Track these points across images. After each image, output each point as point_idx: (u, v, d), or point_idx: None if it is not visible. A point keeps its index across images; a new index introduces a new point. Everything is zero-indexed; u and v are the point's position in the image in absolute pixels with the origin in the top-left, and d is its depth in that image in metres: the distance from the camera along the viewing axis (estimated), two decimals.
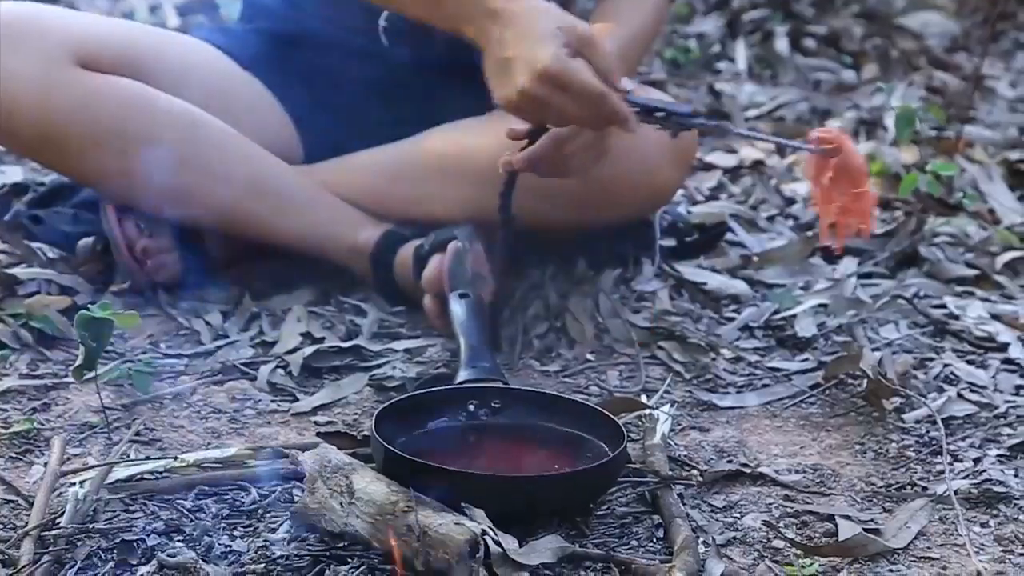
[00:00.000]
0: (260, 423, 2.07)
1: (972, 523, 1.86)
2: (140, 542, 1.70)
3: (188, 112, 2.39)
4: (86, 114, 2.33)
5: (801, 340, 2.39)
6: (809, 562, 1.74)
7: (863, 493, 1.93)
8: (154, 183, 2.36)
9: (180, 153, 2.36)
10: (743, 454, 2.03)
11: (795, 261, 2.70)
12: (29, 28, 2.32)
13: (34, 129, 2.32)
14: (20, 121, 2.31)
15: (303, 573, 1.66)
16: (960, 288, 2.65)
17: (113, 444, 1.97)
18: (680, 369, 2.29)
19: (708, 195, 3.04)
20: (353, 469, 1.71)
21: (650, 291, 2.52)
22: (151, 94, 2.37)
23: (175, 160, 2.36)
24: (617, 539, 1.78)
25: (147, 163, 2.35)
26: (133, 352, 2.25)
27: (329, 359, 2.25)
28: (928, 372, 2.30)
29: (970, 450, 2.06)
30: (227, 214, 2.41)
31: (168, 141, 2.36)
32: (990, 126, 3.57)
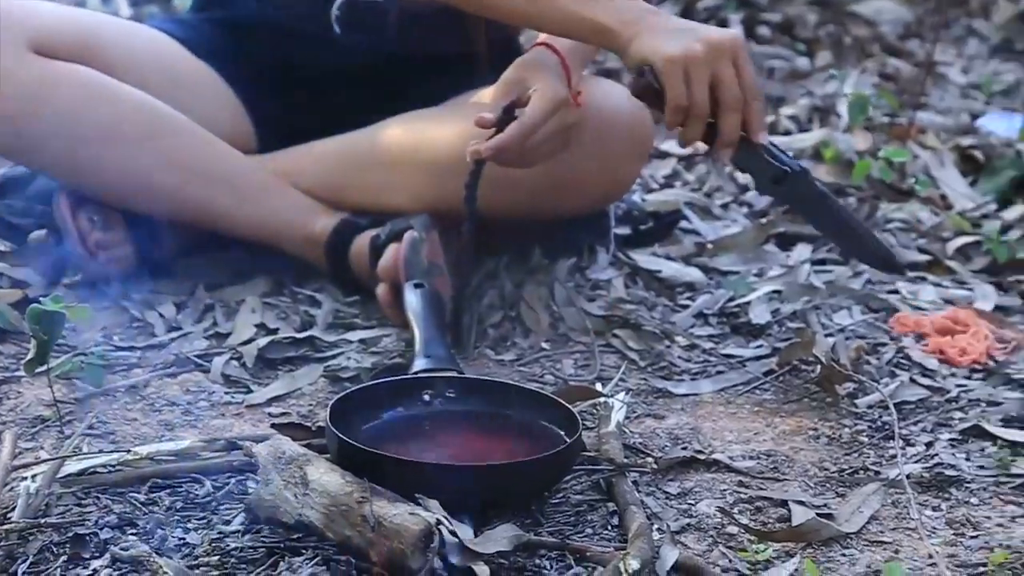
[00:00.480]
0: (214, 415, 2.07)
1: (924, 507, 1.87)
2: (93, 536, 1.70)
3: (142, 101, 2.38)
4: (41, 101, 2.31)
5: (755, 327, 2.40)
6: (763, 547, 1.75)
7: (816, 478, 1.94)
8: (108, 172, 2.35)
9: (133, 143, 2.35)
10: (697, 441, 2.04)
11: (749, 248, 2.71)
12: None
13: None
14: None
15: (257, 565, 1.65)
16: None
17: (65, 438, 1.96)
18: (635, 357, 2.30)
19: (663, 183, 3.04)
20: (307, 460, 1.71)
21: (605, 279, 2.52)
22: (106, 82, 2.36)
23: (130, 149, 2.35)
24: (572, 527, 1.78)
25: (101, 151, 2.34)
26: (85, 345, 2.24)
27: (283, 350, 2.25)
28: (880, 357, 2.31)
29: (922, 434, 2.07)
30: (181, 204, 2.40)
31: (123, 130, 2.35)
32: (942, 112, 3.59)
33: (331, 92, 2.54)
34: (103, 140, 2.34)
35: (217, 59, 2.53)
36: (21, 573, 1.63)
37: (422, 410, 1.96)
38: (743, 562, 1.72)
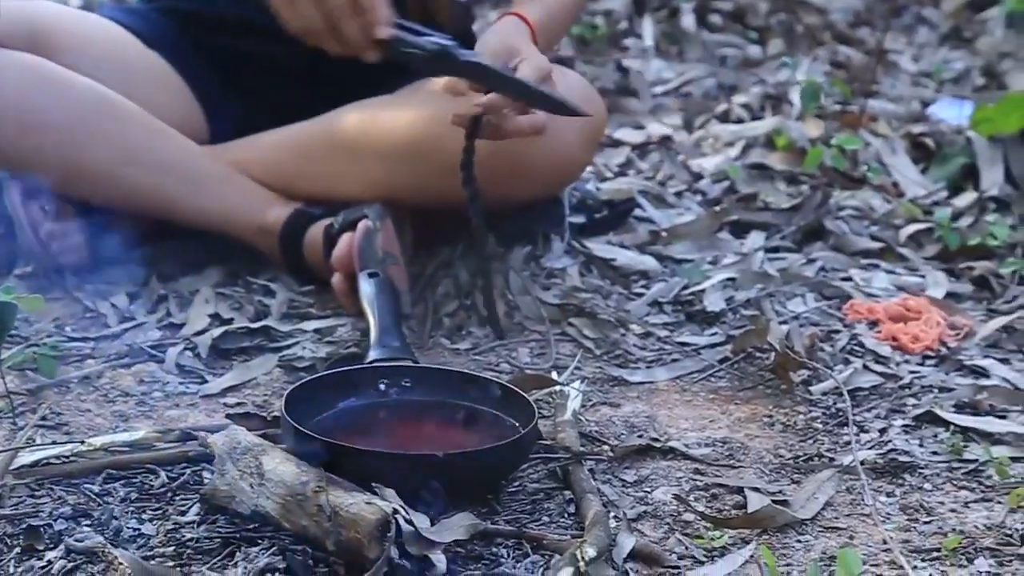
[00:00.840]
0: (168, 406, 2.06)
1: (878, 493, 1.88)
2: (47, 527, 1.68)
3: (92, 89, 2.36)
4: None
5: (710, 314, 2.41)
6: (719, 534, 1.75)
7: (771, 465, 1.95)
8: (57, 161, 2.33)
9: (84, 131, 2.33)
10: (653, 428, 2.04)
11: (703, 236, 2.72)
12: None
13: None
14: None
15: (213, 556, 1.65)
16: (865, 260, 2.68)
17: (18, 429, 1.94)
18: (590, 345, 2.30)
19: (616, 171, 3.05)
20: (263, 450, 1.70)
21: (560, 268, 2.52)
22: (54, 70, 2.34)
23: (79, 138, 2.33)
24: (528, 515, 1.78)
25: (49, 140, 2.32)
26: (38, 336, 2.23)
27: (238, 340, 2.24)
28: (834, 344, 2.32)
29: (875, 421, 2.09)
30: (133, 194, 2.38)
31: (72, 119, 2.33)
32: (893, 100, 3.61)
33: (283, 82, 2.53)
34: (50, 129, 2.32)
35: (169, 49, 2.51)
36: None
37: (377, 400, 1.95)
38: (699, 549, 1.73)
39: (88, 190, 2.37)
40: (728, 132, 3.26)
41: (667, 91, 3.68)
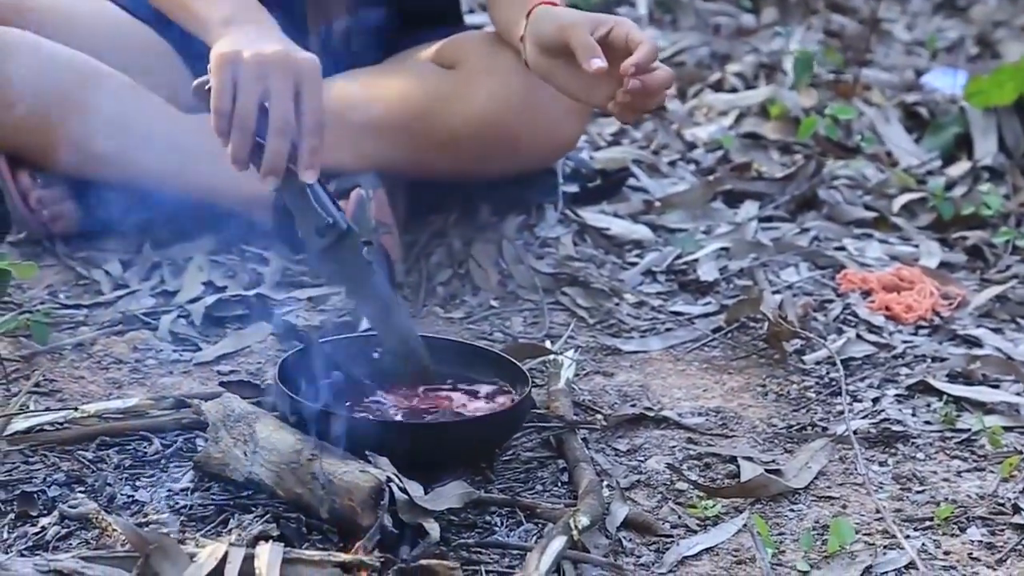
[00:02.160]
0: (162, 373, 2.05)
1: (871, 462, 1.89)
2: (41, 493, 1.69)
3: (78, 61, 2.34)
4: None
5: (703, 284, 2.41)
6: (712, 503, 1.76)
7: (764, 434, 1.96)
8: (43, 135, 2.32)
9: (70, 104, 2.31)
10: (647, 398, 2.05)
11: (697, 205, 2.72)
12: None
13: None
14: None
15: (207, 522, 1.65)
16: (858, 230, 2.68)
17: (12, 395, 1.93)
18: (584, 314, 2.30)
19: (610, 140, 3.04)
20: (256, 418, 1.70)
21: (553, 237, 2.52)
22: (40, 42, 2.32)
23: (65, 111, 2.31)
24: (522, 484, 1.79)
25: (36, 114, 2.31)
26: (31, 303, 2.22)
27: (232, 308, 2.23)
28: (828, 314, 2.32)
29: (868, 390, 2.09)
30: (121, 165, 2.36)
31: (57, 91, 2.31)
32: (887, 69, 3.61)
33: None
34: (36, 102, 2.30)
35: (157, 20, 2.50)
36: None
37: (371, 368, 1.95)
38: (692, 518, 1.73)
39: (76, 162, 2.35)
40: (722, 101, 3.25)
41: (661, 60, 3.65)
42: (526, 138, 2.36)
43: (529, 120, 2.32)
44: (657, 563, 1.64)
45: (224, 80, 1.83)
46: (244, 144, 1.83)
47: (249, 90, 1.82)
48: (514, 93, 2.28)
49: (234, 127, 1.83)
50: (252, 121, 1.83)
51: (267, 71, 1.83)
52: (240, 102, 1.82)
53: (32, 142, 2.33)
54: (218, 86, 1.83)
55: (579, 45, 1.95)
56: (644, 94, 1.95)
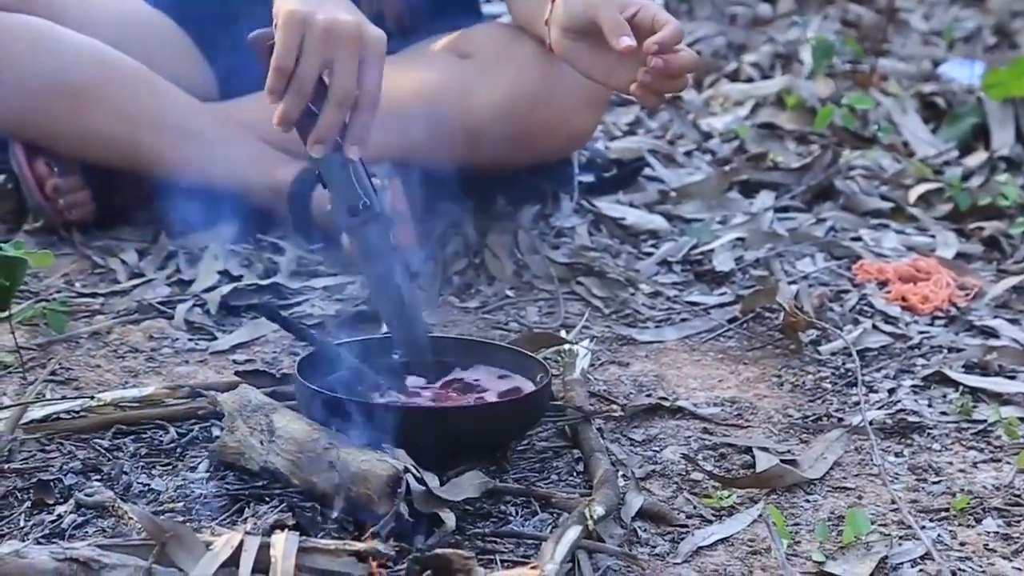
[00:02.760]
0: (178, 362, 2.06)
1: (887, 453, 1.88)
2: (57, 481, 1.69)
3: (96, 49, 2.35)
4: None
5: (719, 274, 2.41)
6: (727, 494, 1.75)
7: (780, 425, 1.95)
8: (58, 123, 2.32)
9: (89, 93, 2.32)
10: (662, 388, 2.04)
11: (713, 195, 2.71)
12: None
13: None
14: None
15: (223, 511, 1.65)
16: (875, 221, 2.68)
17: (28, 384, 1.94)
18: (599, 304, 2.30)
19: (626, 130, 3.04)
20: (273, 408, 1.70)
21: (569, 227, 2.52)
22: (59, 32, 2.33)
23: (83, 100, 2.32)
24: (537, 474, 1.78)
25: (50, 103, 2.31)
26: (48, 291, 2.22)
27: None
28: (843, 304, 2.32)
29: (885, 381, 2.09)
30: (135, 154, 2.37)
31: (76, 81, 2.31)
32: (904, 59, 3.60)
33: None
34: (54, 91, 2.31)
35: (173, 7, 2.50)
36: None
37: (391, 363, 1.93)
38: (707, 508, 1.73)
39: (93, 152, 2.36)
40: (738, 91, 3.25)
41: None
42: (543, 128, 2.36)
43: (546, 110, 2.32)
44: (672, 553, 1.63)
45: (290, 38, 1.80)
46: (296, 107, 1.81)
47: (315, 54, 1.79)
48: (532, 83, 2.28)
49: (291, 88, 1.80)
50: (311, 85, 1.80)
51: (337, 39, 1.80)
52: (303, 65, 1.80)
53: (49, 131, 2.33)
54: (283, 43, 1.80)
55: (608, 22, 1.94)
56: (666, 76, 1.92)
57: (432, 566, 1.46)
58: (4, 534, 1.58)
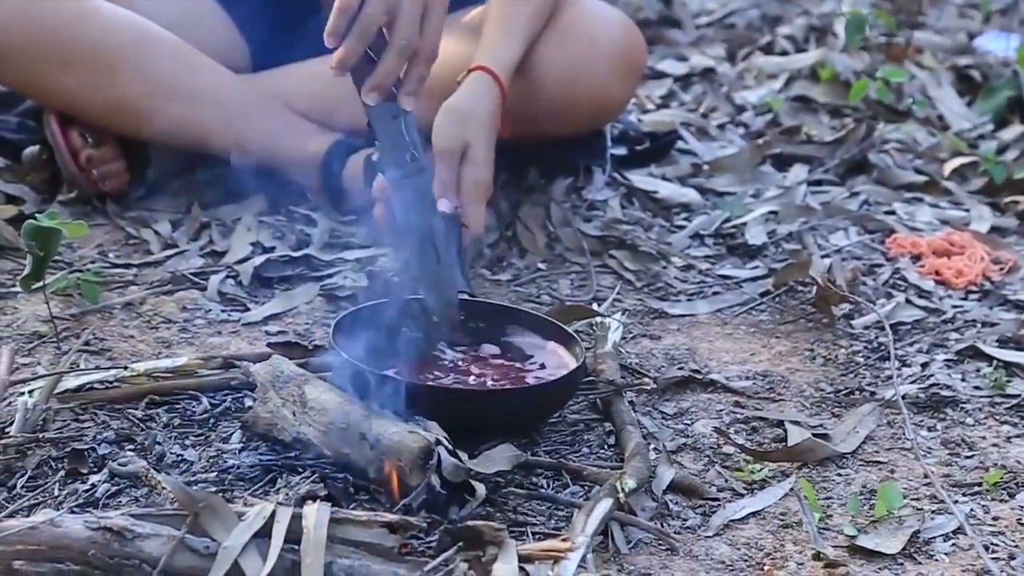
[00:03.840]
0: (211, 333, 2.06)
1: (919, 427, 1.88)
2: (91, 451, 1.70)
3: (132, 22, 2.35)
4: (27, 25, 2.29)
5: (751, 248, 2.40)
6: (759, 467, 1.75)
7: (812, 399, 1.95)
8: (96, 95, 2.33)
9: (124, 64, 2.32)
10: (694, 361, 2.04)
11: (746, 169, 2.70)
12: None
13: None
14: None
15: (255, 482, 1.66)
16: (909, 194, 2.66)
17: (62, 354, 1.95)
18: (631, 277, 2.29)
19: (659, 103, 3.03)
20: (306, 380, 1.71)
21: (601, 200, 2.51)
22: (93, 4, 2.33)
23: (117, 72, 2.32)
24: (569, 446, 1.78)
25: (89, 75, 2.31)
26: (81, 262, 2.23)
27: (280, 269, 2.24)
28: (877, 278, 2.31)
29: (918, 355, 2.08)
30: (173, 126, 2.37)
31: (110, 52, 2.32)
32: (939, 32, 3.57)
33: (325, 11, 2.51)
34: (89, 62, 2.31)
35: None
36: (20, 487, 1.63)
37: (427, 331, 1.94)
38: (739, 482, 1.73)
39: (127, 123, 2.36)
40: (772, 64, 3.23)
41: (710, 22, 3.64)
42: (576, 101, 2.35)
43: (581, 82, 2.31)
44: (703, 526, 1.64)
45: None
46: (357, 51, 1.80)
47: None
48: (567, 55, 2.27)
49: (353, 31, 1.79)
50: (375, 28, 1.79)
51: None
52: (368, 9, 1.79)
53: (85, 101, 2.34)
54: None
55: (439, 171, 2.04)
56: None
57: (463, 538, 1.47)
58: (39, 503, 1.60)
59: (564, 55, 2.28)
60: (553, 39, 2.28)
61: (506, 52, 2.17)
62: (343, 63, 1.81)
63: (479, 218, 2.09)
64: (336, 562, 1.42)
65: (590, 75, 2.31)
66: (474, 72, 2.14)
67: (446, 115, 2.10)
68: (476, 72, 2.14)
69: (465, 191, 2.07)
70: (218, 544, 1.43)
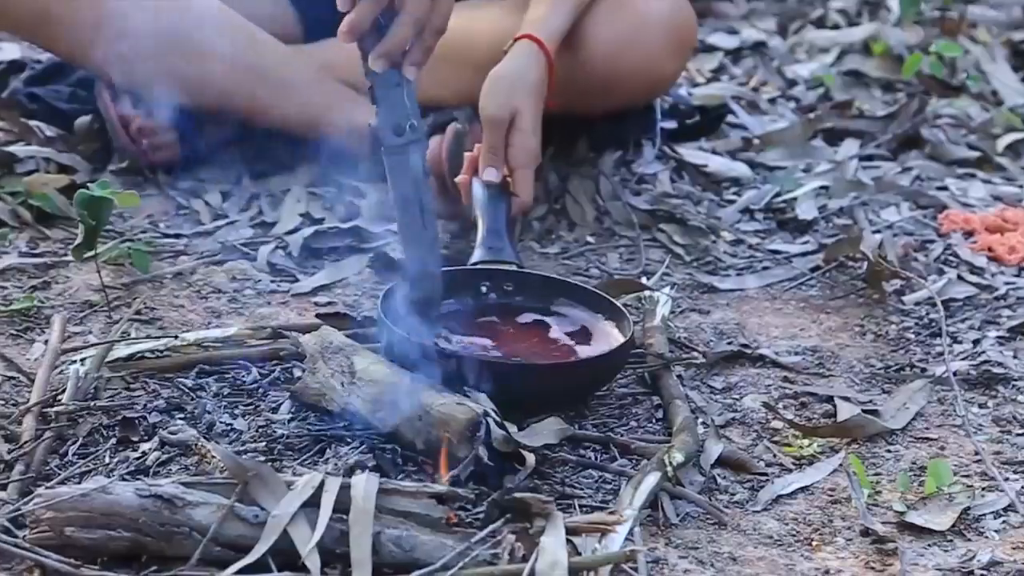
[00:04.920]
0: (260, 303, 2.07)
1: (970, 404, 1.86)
2: (142, 419, 1.71)
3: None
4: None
5: (802, 223, 2.39)
6: (807, 443, 1.75)
7: (862, 375, 1.94)
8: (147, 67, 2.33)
9: (176, 35, 2.33)
10: (743, 336, 2.03)
11: (796, 143, 2.68)
12: None
13: (28, 10, 2.29)
14: (15, 2, 2.28)
15: (304, 452, 1.66)
16: (961, 170, 2.64)
17: (113, 323, 1.96)
18: (680, 252, 2.29)
19: (709, 77, 3.01)
20: (355, 351, 1.71)
21: (651, 173, 2.50)
22: None
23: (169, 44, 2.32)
24: (616, 420, 1.78)
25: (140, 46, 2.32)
26: (133, 231, 2.24)
27: (329, 240, 2.24)
28: (928, 254, 2.29)
29: (969, 332, 2.06)
30: (224, 96, 2.37)
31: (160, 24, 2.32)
32: (994, 6, 3.53)
33: None
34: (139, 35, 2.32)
35: None
36: (71, 454, 1.65)
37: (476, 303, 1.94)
38: (787, 457, 1.72)
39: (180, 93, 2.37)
40: (824, 38, 3.21)
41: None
42: (626, 75, 2.34)
43: (632, 56, 2.30)
44: (751, 501, 1.64)
45: None
46: (369, 16, 1.79)
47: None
48: (617, 29, 2.26)
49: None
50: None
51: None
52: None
53: (136, 73, 2.34)
54: None
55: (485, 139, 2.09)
56: None
57: (511, 510, 1.47)
58: (90, 470, 1.61)
59: (613, 29, 2.27)
60: (602, 12, 2.27)
61: (553, 22, 2.17)
62: (354, 28, 1.79)
63: (528, 186, 2.09)
64: (384, 532, 1.43)
65: (640, 50, 2.30)
66: (520, 40, 2.15)
67: (493, 83, 2.11)
68: (522, 40, 2.15)
69: (514, 159, 2.08)
70: (267, 513, 1.44)
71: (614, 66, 2.30)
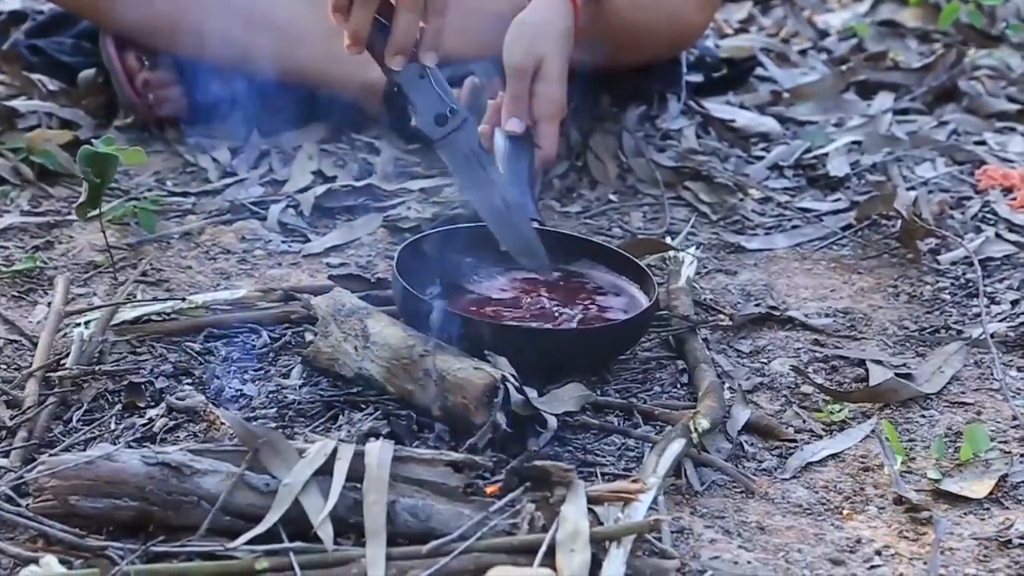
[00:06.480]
0: (270, 264, 2.04)
1: (1008, 367, 1.82)
2: (148, 384, 1.68)
3: None
4: None
5: (833, 179, 2.35)
6: (838, 408, 1.71)
7: (895, 337, 1.89)
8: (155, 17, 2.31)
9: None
10: (771, 297, 1.99)
11: (828, 97, 2.65)
12: None
13: None
14: None
15: (316, 418, 1.63)
16: (1000, 124, 2.60)
17: (119, 284, 1.93)
18: (706, 210, 2.25)
19: (737, 28, 3.02)
20: (368, 313, 1.67)
21: (676, 129, 2.47)
22: None
23: None
24: (640, 385, 1.74)
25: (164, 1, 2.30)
26: (138, 190, 2.21)
27: (342, 199, 2.21)
28: (965, 212, 2.25)
29: (1008, 292, 2.02)
30: (235, 49, 2.34)
31: None
32: None
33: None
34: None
35: None
36: (76, 420, 1.61)
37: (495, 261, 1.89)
38: (817, 423, 1.68)
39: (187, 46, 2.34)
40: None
41: None
42: (653, 27, 2.31)
43: (660, 7, 2.27)
44: (780, 468, 1.60)
45: None
46: (365, 20, 1.77)
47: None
48: None
49: (357, 2, 1.76)
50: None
51: None
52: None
53: (142, 24, 2.32)
54: None
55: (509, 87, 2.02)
56: None
57: (530, 478, 1.43)
58: (95, 437, 1.58)
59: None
60: None
61: None
62: (356, 36, 1.77)
63: (552, 138, 2.04)
64: (399, 501, 1.40)
65: (669, 3, 2.28)
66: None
67: (518, 29, 2.06)
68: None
69: (538, 109, 2.02)
70: (278, 481, 1.40)
71: (639, 18, 2.27)
